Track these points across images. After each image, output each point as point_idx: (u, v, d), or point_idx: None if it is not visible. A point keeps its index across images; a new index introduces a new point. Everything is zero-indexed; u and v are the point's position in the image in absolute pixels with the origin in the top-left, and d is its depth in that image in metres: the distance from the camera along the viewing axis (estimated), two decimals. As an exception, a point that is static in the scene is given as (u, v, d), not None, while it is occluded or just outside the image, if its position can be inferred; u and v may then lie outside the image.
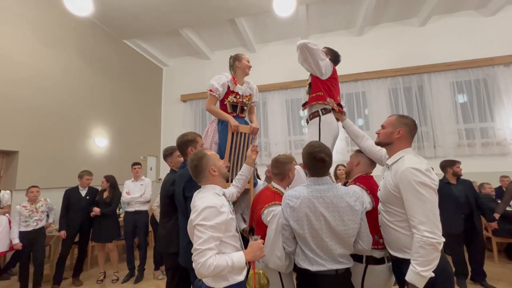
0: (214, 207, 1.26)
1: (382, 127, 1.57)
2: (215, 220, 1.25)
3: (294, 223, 1.46)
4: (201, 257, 1.17)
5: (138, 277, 3.65)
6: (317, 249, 1.42)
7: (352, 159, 1.90)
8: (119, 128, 5.51)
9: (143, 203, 3.83)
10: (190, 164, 1.48)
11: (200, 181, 1.48)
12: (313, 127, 2.17)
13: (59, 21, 4.43)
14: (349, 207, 1.40)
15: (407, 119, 1.53)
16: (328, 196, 1.42)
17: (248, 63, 2.44)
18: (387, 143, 1.52)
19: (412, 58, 5.34)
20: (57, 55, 4.37)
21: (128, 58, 5.96)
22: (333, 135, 2.15)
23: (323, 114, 2.15)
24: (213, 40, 6.13)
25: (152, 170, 6.47)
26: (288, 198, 1.51)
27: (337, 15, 5.32)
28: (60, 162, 4.22)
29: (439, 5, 4.94)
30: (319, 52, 2.14)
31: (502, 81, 4.91)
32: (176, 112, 6.77)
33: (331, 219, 1.39)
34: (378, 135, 1.58)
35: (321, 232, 1.40)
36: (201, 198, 1.36)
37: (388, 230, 1.45)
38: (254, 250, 1.32)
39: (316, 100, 2.15)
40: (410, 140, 1.49)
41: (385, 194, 1.44)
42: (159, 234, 2.27)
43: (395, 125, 1.50)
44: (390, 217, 1.43)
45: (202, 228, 1.22)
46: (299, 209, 1.44)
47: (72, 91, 4.57)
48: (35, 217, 3.22)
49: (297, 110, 5.93)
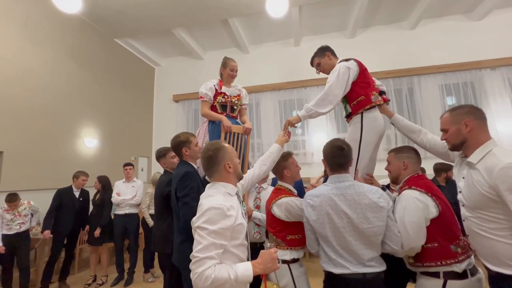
0: (220, 208, 1.08)
1: (445, 131, 1.36)
2: (219, 224, 1.06)
3: (315, 223, 1.42)
4: (198, 267, 1.01)
5: (128, 280, 3.58)
6: (340, 249, 1.35)
7: (395, 161, 1.62)
8: (110, 128, 5.40)
9: (133, 205, 3.75)
10: (204, 154, 1.30)
11: (211, 176, 1.29)
12: (355, 125, 1.88)
13: (47, 18, 4.32)
14: (373, 204, 1.32)
15: (464, 107, 1.30)
16: (350, 193, 1.36)
17: (232, 72, 2.46)
18: (461, 142, 1.29)
19: (403, 60, 5.43)
20: (45, 53, 4.25)
21: (119, 57, 5.87)
22: (378, 132, 1.86)
23: (366, 111, 1.84)
24: (206, 40, 6.09)
25: (144, 171, 6.37)
26: (309, 197, 1.49)
27: (330, 17, 5.36)
28: (47, 163, 4.10)
29: (429, 9, 5.03)
30: (324, 97, 1.82)
31: (488, 84, 5.04)
32: (168, 112, 6.69)
33: (354, 216, 1.32)
34: (447, 141, 1.37)
35: (344, 230, 1.33)
36: (208, 196, 1.18)
37: (482, 240, 1.20)
38: (265, 261, 1.08)
39: (362, 108, 1.82)
40: (485, 128, 1.25)
41: (475, 198, 1.20)
42: (154, 235, 2.29)
43: (455, 120, 1.29)
44: (484, 224, 1.19)
45: (203, 232, 1.05)
46: (319, 208, 1.40)
47: (61, 90, 4.46)
48: (17, 220, 3.12)
49: (290, 111, 5.95)
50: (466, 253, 1.33)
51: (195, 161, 2.00)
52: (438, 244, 1.33)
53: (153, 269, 3.79)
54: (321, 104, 1.82)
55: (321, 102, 1.82)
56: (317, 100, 1.83)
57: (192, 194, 1.72)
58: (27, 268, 3.14)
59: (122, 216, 3.67)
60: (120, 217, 3.68)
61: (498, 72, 5.03)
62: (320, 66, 2.13)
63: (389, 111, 1.92)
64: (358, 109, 1.85)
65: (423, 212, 1.34)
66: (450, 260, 1.29)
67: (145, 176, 6.32)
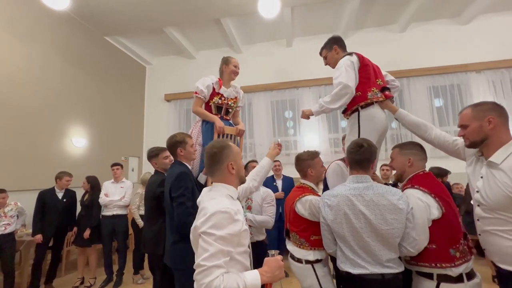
0: (227, 212, 1.00)
1: (464, 127, 1.31)
2: (226, 229, 0.98)
3: (333, 223, 1.40)
4: (205, 277, 0.92)
5: (117, 282, 3.52)
6: (358, 249, 1.33)
7: (400, 158, 1.55)
8: (99, 127, 5.30)
9: (122, 207, 3.68)
10: (209, 150, 1.22)
11: (212, 174, 1.21)
12: (352, 124, 1.86)
13: (35, 14, 4.19)
14: (392, 205, 1.29)
15: (488, 103, 1.27)
16: (368, 194, 1.33)
17: (235, 68, 2.42)
18: (482, 139, 1.24)
19: (393, 62, 5.51)
20: (32, 50, 4.13)
21: (110, 55, 5.76)
22: (377, 130, 1.81)
23: (362, 108, 1.81)
24: (199, 39, 6.05)
25: (134, 171, 6.28)
26: (326, 197, 1.47)
27: (322, 19, 5.41)
28: (33, 163, 3.99)
29: (418, 13, 5.14)
30: (338, 91, 1.76)
31: (474, 87, 5.18)
32: (159, 112, 6.61)
33: (372, 217, 1.30)
34: (465, 138, 1.32)
35: (362, 231, 1.31)
36: (211, 199, 1.09)
37: (498, 240, 1.19)
38: (272, 269, 1.03)
39: (356, 104, 1.80)
40: (508, 127, 1.23)
41: (497, 199, 1.18)
42: (145, 236, 2.27)
43: (479, 116, 1.24)
44: (502, 225, 1.17)
45: (209, 238, 0.96)
46: (337, 208, 1.39)
47: (48, 89, 4.34)
48: (3, 221, 3.04)
49: (282, 111, 5.98)
50: (464, 257, 1.30)
51: (189, 162, 1.99)
52: (437, 246, 1.31)
53: (143, 271, 3.74)
54: (335, 99, 1.77)
55: (335, 97, 1.77)
56: (332, 95, 1.79)
57: (187, 195, 1.71)
58: (11, 271, 3.05)
59: (110, 217, 3.60)
60: (107, 218, 3.60)
61: (483, 75, 5.19)
62: (327, 60, 2.12)
63: (392, 107, 1.83)
64: (353, 105, 1.83)
65: (425, 213, 1.32)
66: (446, 263, 1.27)
67: (135, 176, 6.23)
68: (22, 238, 3.46)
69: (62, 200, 3.49)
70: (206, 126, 2.32)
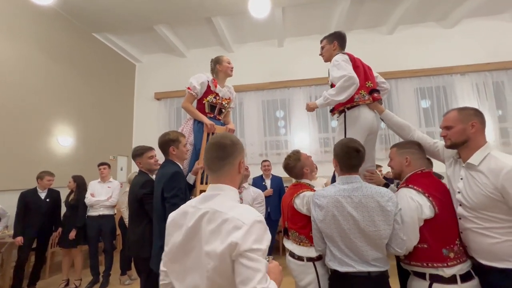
0: (262, 221, 0.87)
1: (448, 128, 1.37)
2: (265, 241, 0.85)
3: (322, 223, 1.41)
4: None
5: (103, 283, 3.46)
6: (346, 249, 1.35)
7: (397, 157, 1.55)
8: (87, 126, 5.18)
9: (108, 207, 3.61)
10: (221, 140, 1.00)
11: (219, 169, 0.98)
12: (339, 125, 1.93)
13: (19, 9, 4.06)
14: (379, 208, 1.30)
15: (471, 109, 1.35)
16: (357, 196, 1.34)
17: (229, 65, 2.41)
18: (463, 141, 1.32)
19: (381, 64, 5.59)
20: (17, 46, 4.00)
21: (98, 52, 5.64)
22: (364, 129, 1.84)
23: (348, 109, 1.86)
24: (189, 38, 6.00)
25: (123, 170, 6.17)
26: (317, 197, 1.47)
27: (312, 19, 5.46)
28: (17, 163, 3.86)
29: (406, 16, 5.25)
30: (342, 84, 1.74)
31: (458, 89, 5.34)
32: (149, 110, 6.52)
33: (360, 219, 1.30)
34: (447, 138, 1.38)
35: (349, 232, 1.32)
36: (234, 207, 0.90)
37: (479, 238, 1.25)
38: (277, 276, 0.97)
39: (343, 105, 1.85)
40: (484, 132, 1.32)
41: (477, 199, 1.24)
42: (129, 239, 2.20)
43: (464, 119, 1.32)
44: (483, 223, 1.24)
45: (256, 254, 0.81)
46: (326, 209, 1.39)
47: (34, 86, 4.21)
48: (-17, 223, 2.92)
49: (273, 111, 6.00)
50: (459, 258, 1.29)
51: (181, 161, 1.96)
52: (428, 245, 1.31)
53: (131, 271, 3.68)
54: (340, 92, 1.75)
55: (339, 90, 1.75)
56: (336, 88, 1.76)
57: (180, 195, 1.68)
58: (-8, 274, 2.95)
59: (96, 217, 3.52)
60: (93, 218, 3.52)
61: (467, 77, 5.35)
62: (323, 50, 2.11)
63: (379, 108, 1.88)
64: (339, 106, 1.87)
65: (416, 212, 1.32)
66: (438, 263, 1.27)
67: (124, 175, 6.12)
68: (4, 240, 3.36)
69: (45, 200, 3.40)
70: (198, 125, 2.30)
